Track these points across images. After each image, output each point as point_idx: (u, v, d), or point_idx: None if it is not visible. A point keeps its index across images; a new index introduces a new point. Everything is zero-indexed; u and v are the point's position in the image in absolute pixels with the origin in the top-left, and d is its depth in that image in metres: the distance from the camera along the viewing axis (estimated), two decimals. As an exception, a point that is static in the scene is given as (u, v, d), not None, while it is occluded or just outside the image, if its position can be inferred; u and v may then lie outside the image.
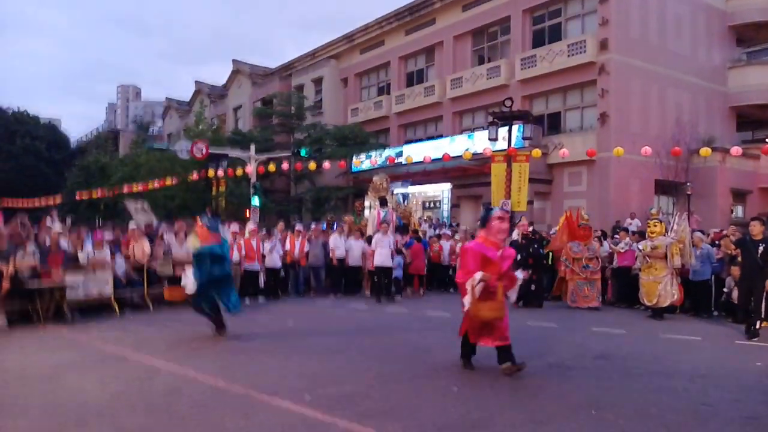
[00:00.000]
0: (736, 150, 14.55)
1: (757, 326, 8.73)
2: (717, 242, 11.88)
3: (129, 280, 11.23)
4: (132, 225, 13.97)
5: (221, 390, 5.56)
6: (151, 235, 12.59)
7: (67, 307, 9.84)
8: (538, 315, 10.87)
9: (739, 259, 9.38)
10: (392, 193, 17.27)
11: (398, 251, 13.27)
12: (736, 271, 9.49)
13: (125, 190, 24.50)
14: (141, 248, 11.64)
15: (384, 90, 30.90)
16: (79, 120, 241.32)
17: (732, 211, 22.34)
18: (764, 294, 8.87)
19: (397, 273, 13.34)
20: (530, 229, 12.84)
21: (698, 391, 5.64)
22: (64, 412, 4.91)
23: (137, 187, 23.63)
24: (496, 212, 6.13)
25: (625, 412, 4.93)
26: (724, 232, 12.57)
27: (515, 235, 12.41)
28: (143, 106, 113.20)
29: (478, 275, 5.81)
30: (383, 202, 15.76)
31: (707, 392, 5.64)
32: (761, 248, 8.67)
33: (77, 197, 29.20)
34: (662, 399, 5.02)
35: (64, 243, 10.96)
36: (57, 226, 13.44)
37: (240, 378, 5.92)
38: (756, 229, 8.86)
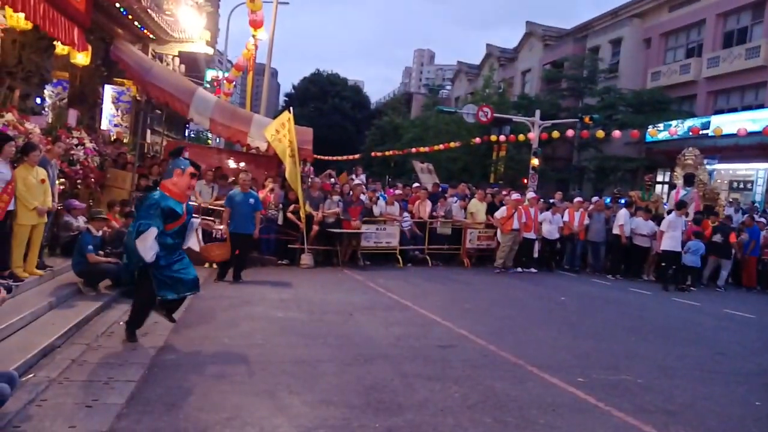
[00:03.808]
0: None
1: None
2: None
3: (412, 235, 12.18)
4: (417, 184, 15.10)
5: (492, 353, 5.67)
6: (435, 196, 13.34)
7: (361, 254, 11.23)
8: None
9: None
10: (706, 172, 14.89)
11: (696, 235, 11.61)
12: None
13: (413, 150, 26.55)
14: (424, 207, 12.48)
15: (694, 51, 27.05)
16: (378, 83, 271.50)
17: None
18: None
19: (694, 260, 11.72)
20: None
21: None
22: (357, 347, 5.59)
23: (424, 149, 25.38)
24: None
25: None
26: None
27: None
28: (435, 70, 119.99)
29: None
30: (689, 180, 13.96)
31: None
32: None
33: (372, 155, 32.93)
34: None
35: (364, 197, 12.31)
36: (362, 180, 15.22)
37: (510, 345, 5.96)
38: None
